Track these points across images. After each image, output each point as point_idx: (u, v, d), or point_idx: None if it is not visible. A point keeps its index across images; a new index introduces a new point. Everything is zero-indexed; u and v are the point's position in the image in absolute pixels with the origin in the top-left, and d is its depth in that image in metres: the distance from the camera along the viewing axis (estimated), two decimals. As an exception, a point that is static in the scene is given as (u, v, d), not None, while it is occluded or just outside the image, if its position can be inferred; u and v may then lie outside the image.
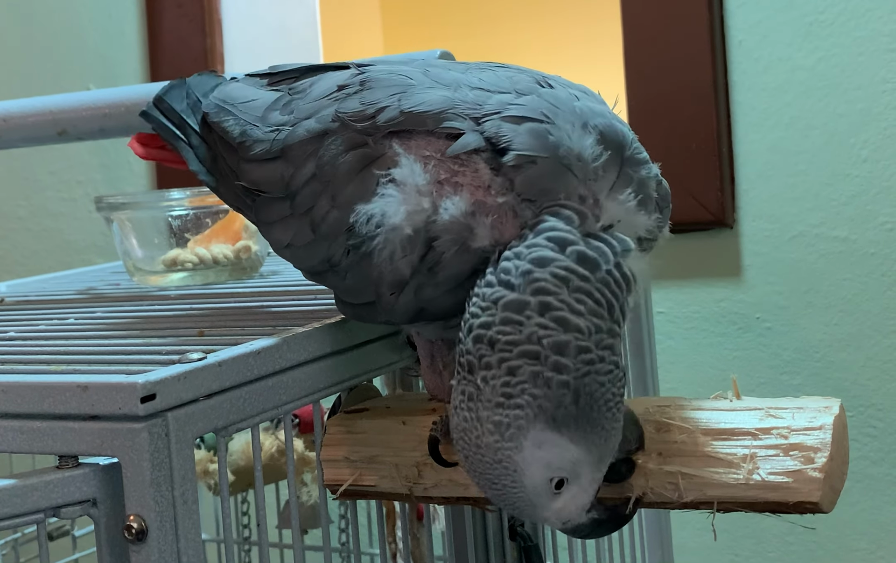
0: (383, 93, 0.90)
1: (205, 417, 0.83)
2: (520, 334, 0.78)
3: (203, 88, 1.03)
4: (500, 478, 0.79)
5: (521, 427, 0.78)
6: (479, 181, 0.84)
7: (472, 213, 0.83)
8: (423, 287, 0.86)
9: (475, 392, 0.78)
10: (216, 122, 0.98)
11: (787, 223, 1.72)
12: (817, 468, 0.81)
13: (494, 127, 0.85)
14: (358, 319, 0.95)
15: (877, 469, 1.70)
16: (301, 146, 0.92)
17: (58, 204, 2.34)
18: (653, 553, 1.45)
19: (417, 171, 0.85)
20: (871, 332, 1.68)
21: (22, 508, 0.78)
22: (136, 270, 1.38)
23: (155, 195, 1.52)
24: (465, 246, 0.83)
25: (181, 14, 2.18)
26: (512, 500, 0.80)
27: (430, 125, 0.86)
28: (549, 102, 0.86)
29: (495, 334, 0.78)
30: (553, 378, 0.77)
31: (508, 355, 0.77)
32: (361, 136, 0.89)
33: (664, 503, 0.86)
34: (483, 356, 0.78)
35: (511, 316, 0.78)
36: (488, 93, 0.87)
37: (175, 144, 1.03)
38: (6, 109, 1.41)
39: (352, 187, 0.88)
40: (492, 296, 0.79)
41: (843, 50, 1.67)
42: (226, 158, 0.98)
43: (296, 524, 0.95)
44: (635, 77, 1.79)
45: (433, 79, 0.90)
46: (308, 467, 1.50)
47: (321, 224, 0.90)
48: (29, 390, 0.82)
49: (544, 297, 0.78)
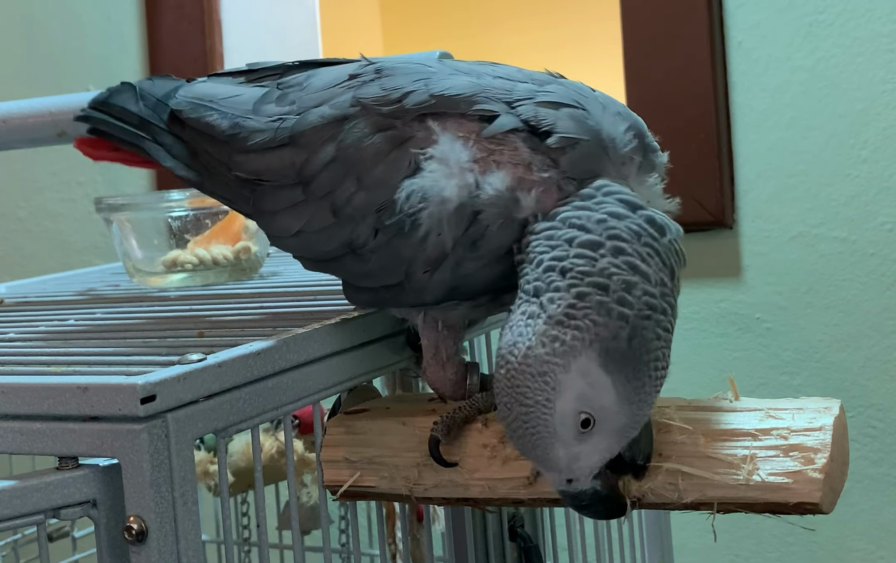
0: (405, 79, 0.91)
1: (205, 418, 0.83)
2: (593, 266, 0.81)
3: (161, 90, 1.04)
4: (536, 393, 0.79)
5: (575, 348, 0.79)
6: (518, 159, 0.86)
7: (517, 187, 0.85)
8: (462, 262, 0.87)
9: (538, 310, 0.80)
10: (195, 117, 0.99)
11: (786, 224, 1.72)
12: (817, 469, 0.81)
13: (532, 111, 0.87)
14: (372, 305, 0.95)
15: (877, 470, 1.70)
16: (315, 132, 0.92)
17: (58, 205, 2.34)
18: (652, 554, 1.45)
19: (458, 148, 0.86)
20: (870, 332, 1.68)
21: (22, 509, 0.78)
22: (136, 271, 1.38)
23: (155, 196, 1.52)
24: (509, 218, 0.86)
25: (181, 15, 2.18)
26: (536, 422, 0.80)
27: (462, 108, 0.88)
28: (575, 91, 0.89)
29: (568, 264, 0.81)
30: (615, 310, 0.80)
31: (579, 282, 0.80)
32: (388, 119, 0.89)
33: (664, 503, 0.86)
34: (552, 282, 0.80)
35: (585, 252, 0.81)
36: (511, 81, 0.90)
37: (138, 143, 1.04)
38: (6, 110, 1.41)
39: (382, 168, 0.89)
40: (564, 236, 0.82)
41: (842, 50, 1.67)
42: (212, 152, 0.98)
43: (296, 525, 0.95)
44: (635, 78, 1.79)
45: (452, 68, 0.92)
46: (308, 468, 1.50)
47: (345, 207, 0.90)
48: (29, 392, 0.82)
49: (618, 242, 0.82)
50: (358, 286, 0.94)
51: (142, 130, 1.04)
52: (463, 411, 0.92)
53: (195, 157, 1.00)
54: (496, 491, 0.91)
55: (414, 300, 0.92)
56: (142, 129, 1.04)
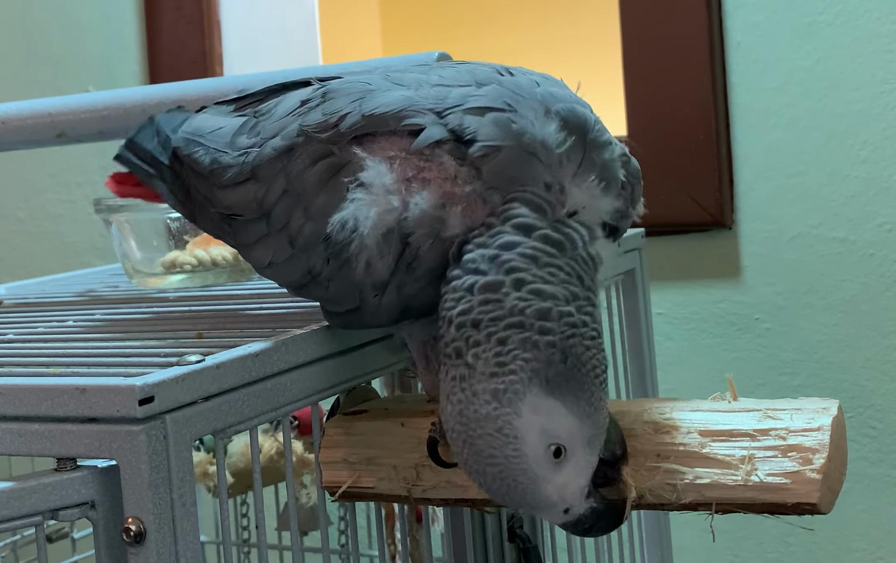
0: (344, 101, 0.91)
1: (203, 419, 0.83)
2: (502, 308, 0.80)
3: (171, 124, 1.05)
4: (501, 449, 0.79)
5: (518, 391, 0.79)
6: (445, 173, 0.85)
7: (443, 204, 0.85)
8: (404, 285, 0.87)
9: (467, 372, 0.80)
10: (186, 154, 1.00)
11: (785, 224, 1.72)
12: (815, 469, 0.81)
13: (457, 119, 0.86)
14: (345, 326, 0.95)
15: (875, 470, 1.70)
16: (269, 164, 0.93)
17: (57, 206, 2.34)
18: (652, 554, 1.45)
19: (383, 171, 0.86)
20: (869, 333, 1.68)
21: (20, 510, 0.78)
22: (135, 272, 1.38)
23: (154, 197, 1.52)
24: (438, 238, 0.85)
25: (180, 16, 2.18)
26: (514, 475, 0.80)
27: (392, 125, 0.87)
28: (511, 90, 0.87)
29: (477, 315, 0.80)
30: (540, 340, 0.79)
31: (495, 328, 0.80)
32: (327, 145, 0.90)
33: (663, 504, 0.86)
34: (470, 337, 0.80)
35: (489, 296, 0.80)
36: (448, 88, 0.89)
37: (149, 181, 1.07)
38: (5, 111, 1.41)
39: (323, 197, 0.89)
40: (464, 285, 0.81)
41: (841, 51, 1.67)
42: (199, 188, 0.99)
43: (295, 526, 0.95)
44: (634, 78, 1.79)
45: (393, 82, 0.91)
46: (307, 468, 1.50)
47: (297, 237, 0.91)
48: (27, 393, 0.82)
49: (517, 274, 0.81)
50: (329, 311, 0.95)
51: (153, 168, 1.06)
52: (461, 413, 0.92)
53: (188, 193, 1.02)
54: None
55: (371, 323, 0.92)
56: (153, 166, 1.06)
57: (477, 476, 0.82)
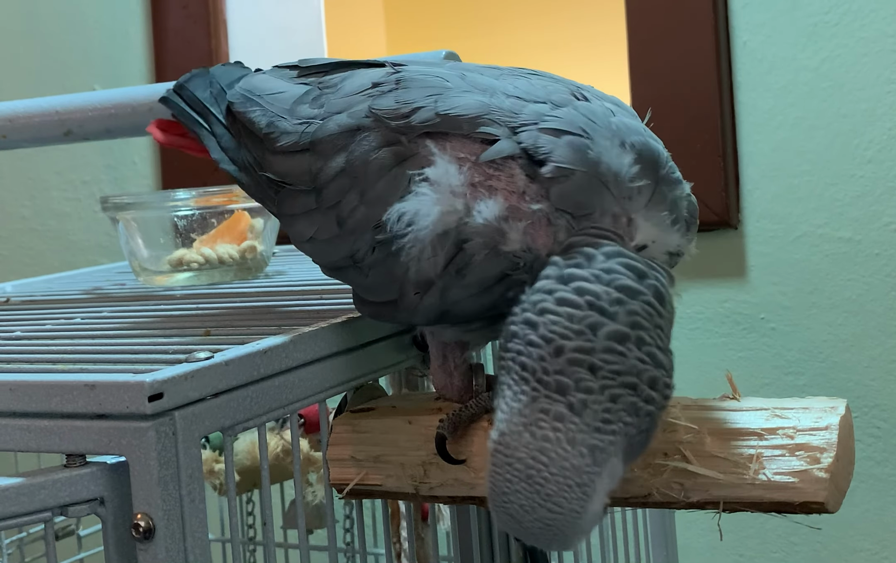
0: (419, 93, 0.89)
1: (211, 416, 0.83)
2: (623, 365, 0.77)
3: (228, 78, 1.03)
4: (570, 502, 0.76)
5: (610, 454, 0.77)
6: (513, 187, 0.83)
7: (506, 218, 0.83)
8: (449, 289, 0.86)
9: (567, 414, 0.76)
10: (241, 111, 0.98)
11: (791, 224, 1.72)
12: (823, 469, 0.81)
13: (532, 137, 0.84)
14: (375, 317, 0.95)
15: (881, 470, 1.70)
16: (331, 140, 0.91)
17: (63, 204, 2.34)
18: (657, 553, 1.45)
19: (452, 172, 0.85)
20: (875, 332, 1.68)
21: (29, 506, 0.78)
22: (142, 270, 1.39)
23: (160, 195, 1.52)
24: (495, 250, 0.83)
25: (186, 15, 2.18)
26: (566, 526, 0.77)
27: (465, 129, 0.86)
28: (586, 117, 0.85)
29: (599, 360, 0.77)
30: (643, 409, 0.77)
31: (612, 382, 0.76)
32: (395, 133, 0.88)
33: (670, 502, 0.86)
34: (581, 380, 0.76)
35: (614, 346, 0.77)
36: (524, 102, 0.87)
37: (197, 130, 1.03)
38: (12, 109, 1.41)
39: (382, 184, 0.88)
40: (586, 320, 0.77)
41: (847, 50, 1.67)
42: (250, 149, 0.97)
43: (302, 524, 0.95)
44: (640, 77, 1.79)
45: (469, 83, 0.90)
46: (313, 466, 1.51)
47: (348, 219, 0.90)
48: (36, 389, 0.82)
49: (640, 332, 0.78)
50: (363, 298, 0.94)
51: (203, 118, 1.03)
52: (469, 410, 0.92)
53: (239, 151, 1.00)
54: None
55: (406, 320, 0.91)
56: (203, 117, 1.03)
57: (516, 508, 0.77)
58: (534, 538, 0.79)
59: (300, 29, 2.31)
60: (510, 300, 0.85)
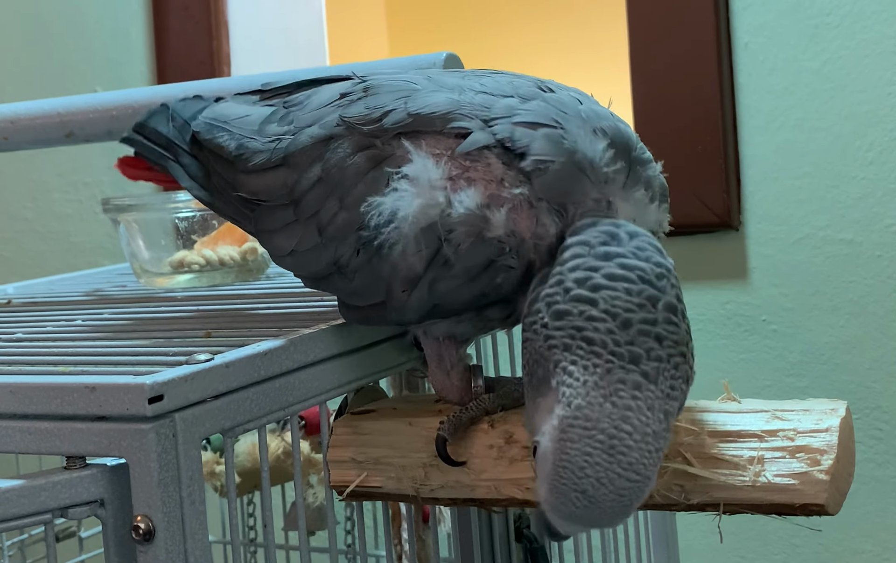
0: (388, 97, 0.91)
1: (212, 417, 0.83)
2: (678, 334, 0.80)
3: (189, 111, 1.05)
4: (651, 467, 0.77)
5: (674, 418, 0.80)
6: (490, 175, 0.85)
7: (487, 204, 0.85)
8: (437, 281, 0.87)
9: (643, 382, 0.78)
10: (208, 139, 1.00)
11: (792, 225, 1.72)
12: (823, 470, 0.81)
13: (507, 130, 0.86)
14: (364, 322, 0.95)
15: (883, 472, 1.70)
16: (305, 152, 0.93)
17: (65, 206, 2.34)
18: (658, 555, 1.45)
19: (430, 166, 0.86)
20: (877, 334, 1.68)
21: (30, 508, 0.79)
22: (143, 271, 1.39)
23: (161, 197, 1.52)
24: (480, 237, 0.85)
25: (187, 16, 2.19)
26: (641, 493, 0.78)
27: (438, 126, 0.88)
28: (556, 108, 0.88)
29: (663, 331, 0.79)
30: (691, 375, 0.81)
31: (674, 351, 0.79)
32: (368, 138, 0.90)
33: (670, 504, 0.86)
34: (652, 350, 0.78)
35: (671, 317, 0.80)
36: (493, 96, 0.89)
37: (163, 163, 1.06)
38: (14, 110, 1.41)
39: (361, 187, 0.89)
40: (643, 293, 0.80)
41: (849, 52, 1.67)
42: (221, 173, 0.99)
43: (302, 526, 0.95)
44: (641, 79, 1.79)
45: (436, 84, 0.92)
46: (314, 468, 1.51)
47: (328, 226, 0.91)
48: (36, 391, 0.82)
49: (682, 305, 0.82)
50: (348, 305, 0.95)
51: (168, 152, 1.06)
52: (469, 412, 0.93)
53: (209, 177, 1.02)
54: (502, 492, 0.91)
55: (397, 319, 0.92)
56: (168, 150, 1.06)
57: (592, 482, 0.76)
58: (599, 514, 0.77)
59: (301, 30, 2.32)
60: (498, 286, 0.87)
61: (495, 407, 0.93)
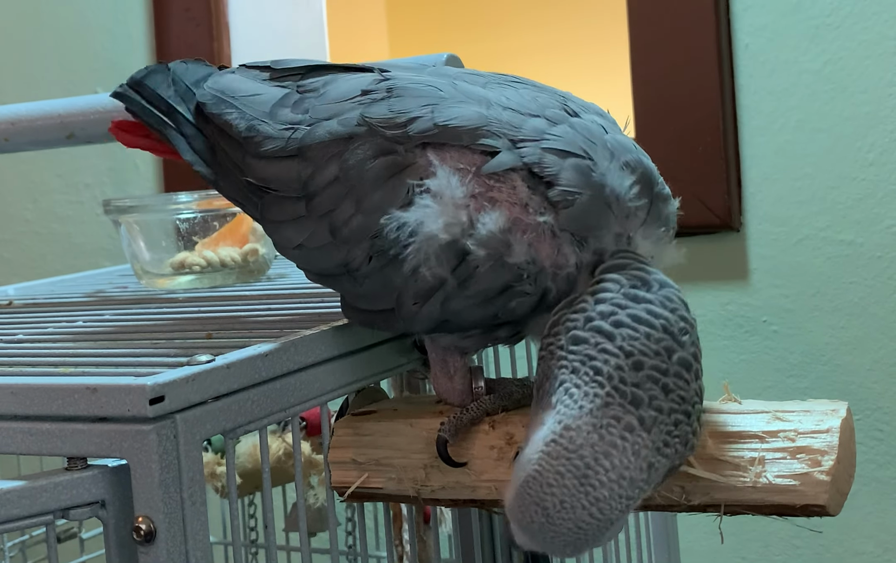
0: (413, 102, 0.89)
1: (213, 419, 0.83)
2: (686, 391, 0.79)
3: (193, 76, 1.00)
4: (611, 511, 0.77)
5: (660, 475, 0.79)
6: (515, 199, 0.84)
7: (510, 229, 0.84)
8: (451, 299, 0.86)
9: (637, 426, 0.77)
10: (216, 113, 0.96)
11: (793, 226, 1.72)
12: (824, 471, 0.81)
13: (536, 155, 0.85)
14: (367, 325, 0.95)
15: (883, 473, 1.70)
16: (322, 147, 0.90)
17: (65, 207, 2.35)
18: (659, 556, 1.45)
19: (454, 183, 0.85)
20: (877, 335, 1.68)
21: (31, 509, 0.79)
22: (144, 272, 1.39)
23: (163, 198, 1.53)
24: (500, 261, 0.84)
25: (189, 18, 2.19)
26: (592, 532, 0.77)
27: (465, 140, 0.86)
28: (584, 136, 0.86)
29: (671, 383, 0.79)
30: (690, 441, 0.80)
31: (677, 408, 0.79)
32: (390, 143, 0.88)
33: (671, 505, 0.86)
34: (655, 398, 0.78)
35: (682, 372, 0.79)
36: (521, 115, 0.87)
37: (164, 130, 1.00)
38: (14, 112, 1.42)
39: (380, 194, 0.87)
40: (662, 342, 0.79)
41: (849, 53, 1.67)
42: (228, 152, 0.96)
43: (304, 527, 0.95)
44: (642, 81, 1.79)
45: (463, 93, 0.89)
46: (315, 469, 1.51)
47: (342, 228, 0.89)
48: (38, 392, 0.82)
49: (698, 365, 0.82)
50: (354, 306, 0.93)
51: (168, 118, 1.00)
52: (470, 413, 0.92)
53: (213, 154, 0.98)
54: (503, 493, 0.91)
55: (404, 328, 0.91)
56: (169, 116, 1.00)
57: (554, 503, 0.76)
58: (553, 537, 0.77)
59: (302, 32, 2.32)
60: (511, 310, 0.86)
61: (496, 408, 0.93)
